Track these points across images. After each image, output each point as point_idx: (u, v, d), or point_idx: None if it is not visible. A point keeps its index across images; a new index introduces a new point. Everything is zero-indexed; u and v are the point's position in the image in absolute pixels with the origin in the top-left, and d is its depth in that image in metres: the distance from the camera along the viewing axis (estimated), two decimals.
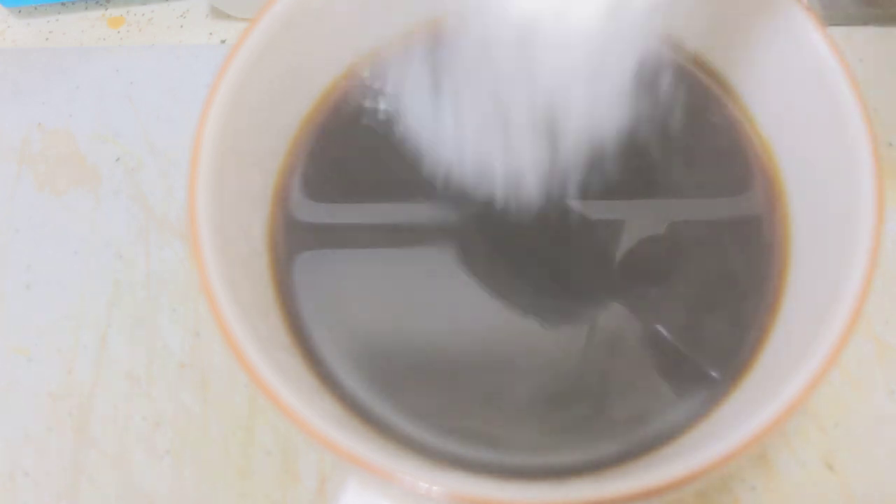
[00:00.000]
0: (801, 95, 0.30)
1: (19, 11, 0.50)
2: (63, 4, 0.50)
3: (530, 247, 0.31)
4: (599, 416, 0.29)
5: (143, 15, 0.49)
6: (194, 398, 0.39)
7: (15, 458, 0.38)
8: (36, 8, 0.50)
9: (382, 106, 0.34)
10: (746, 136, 0.33)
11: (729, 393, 0.29)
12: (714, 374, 0.29)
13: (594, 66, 0.30)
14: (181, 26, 0.49)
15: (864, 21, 0.46)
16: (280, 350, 0.29)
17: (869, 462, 0.36)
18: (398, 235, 0.32)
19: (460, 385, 0.29)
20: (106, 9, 0.50)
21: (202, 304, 0.38)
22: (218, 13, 0.49)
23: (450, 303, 0.30)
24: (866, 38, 0.46)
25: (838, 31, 0.45)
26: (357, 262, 0.31)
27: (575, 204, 0.32)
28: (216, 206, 0.28)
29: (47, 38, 0.49)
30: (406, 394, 0.29)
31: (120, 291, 0.41)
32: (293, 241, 0.32)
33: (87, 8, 0.50)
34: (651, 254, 0.31)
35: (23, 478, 0.38)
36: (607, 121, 0.33)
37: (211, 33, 0.48)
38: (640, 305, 0.30)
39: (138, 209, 0.43)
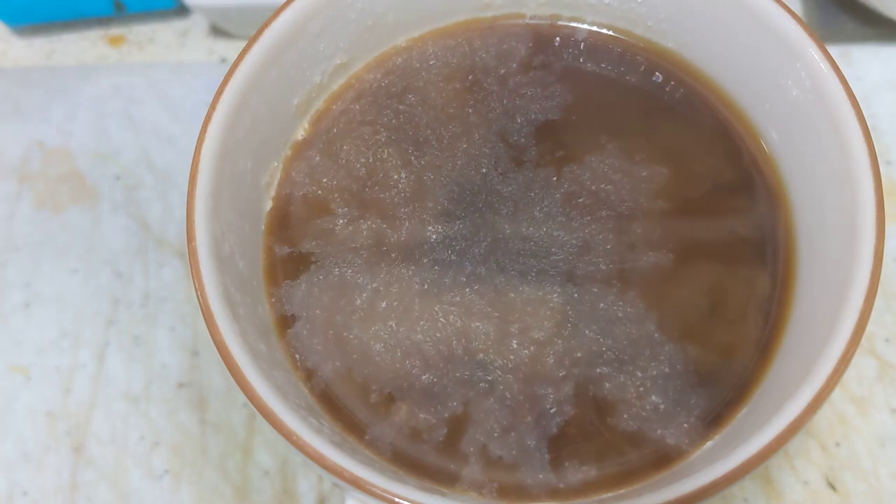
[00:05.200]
0: (802, 114, 0.30)
1: (21, 31, 0.50)
2: (65, 23, 0.50)
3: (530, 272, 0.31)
4: (603, 437, 0.29)
5: (143, 34, 0.50)
6: (192, 418, 0.39)
7: (13, 477, 0.38)
8: (38, 27, 0.50)
9: (375, 124, 0.34)
10: (751, 154, 0.33)
11: (732, 413, 0.29)
12: (717, 394, 0.29)
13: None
14: (182, 45, 0.49)
15: (863, 39, 0.46)
16: (277, 369, 0.29)
17: (871, 481, 0.36)
18: (392, 253, 0.32)
19: (458, 406, 0.29)
20: (107, 28, 0.50)
21: (200, 323, 0.38)
22: (218, 31, 0.49)
23: (447, 321, 0.30)
24: (865, 57, 0.46)
25: (837, 50, 0.45)
26: (353, 279, 0.31)
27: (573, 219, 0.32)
28: (214, 224, 0.28)
29: (49, 57, 0.49)
30: (407, 415, 0.29)
31: (118, 310, 0.41)
32: (290, 259, 0.32)
33: (88, 27, 0.50)
34: (654, 272, 0.31)
35: (21, 497, 0.38)
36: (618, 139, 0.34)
37: (211, 52, 0.49)
38: (644, 323, 0.30)
39: (137, 227, 0.43)
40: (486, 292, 0.31)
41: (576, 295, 0.30)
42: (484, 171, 0.33)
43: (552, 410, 0.29)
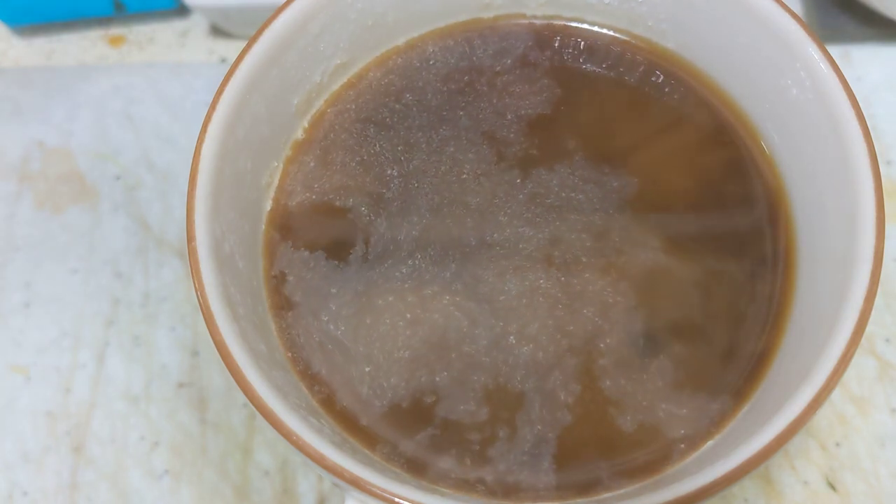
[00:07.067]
0: (802, 114, 0.30)
1: (21, 31, 0.50)
2: (65, 24, 0.50)
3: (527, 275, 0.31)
4: (603, 436, 0.29)
5: (143, 34, 0.50)
6: (192, 418, 0.39)
7: (13, 477, 0.38)
8: (38, 27, 0.50)
9: (374, 125, 0.34)
10: (751, 154, 0.33)
11: (732, 413, 0.29)
12: (717, 394, 0.29)
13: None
14: (182, 45, 0.49)
15: (863, 39, 0.46)
16: (277, 369, 0.29)
17: (871, 481, 0.36)
18: (393, 253, 0.32)
19: (460, 405, 0.29)
20: (107, 28, 0.50)
21: (200, 323, 0.38)
22: (218, 31, 0.49)
23: (450, 322, 0.30)
24: (865, 57, 0.46)
25: (837, 50, 0.45)
26: (354, 280, 0.31)
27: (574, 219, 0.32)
28: (214, 224, 0.28)
29: (49, 58, 0.49)
30: (405, 414, 0.29)
31: (118, 310, 0.41)
32: (290, 258, 0.32)
33: (88, 27, 0.50)
34: (654, 271, 0.31)
35: (21, 497, 0.38)
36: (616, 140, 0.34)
37: (211, 52, 0.49)
38: (644, 324, 0.30)
39: (137, 228, 0.43)
40: (490, 294, 0.31)
41: (576, 288, 0.31)
42: (480, 175, 0.33)
43: (552, 410, 0.29)
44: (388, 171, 0.33)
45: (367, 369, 0.30)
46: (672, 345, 0.30)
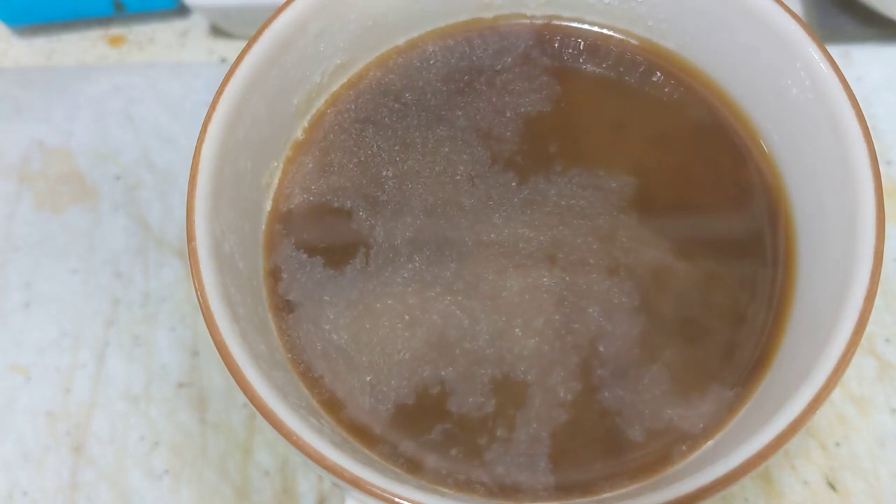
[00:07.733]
0: (802, 114, 0.30)
1: (21, 31, 0.50)
2: (65, 24, 0.50)
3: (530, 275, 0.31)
4: (603, 436, 0.29)
5: (143, 34, 0.50)
6: (192, 418, 0.39)
7: (13, 477, 0.38)
8: (38, 27, 0.50)
9: (374, 126, 0.34)
10: (751, 154, 0.33)
11: (732, 413, 0.29)
12: (717, 394, 0.29)
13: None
14: (182, 45, 0.49)
15: (863, 39, 0.46)
16: (278, 369, 0.29)
17: (871, 481, 0.36)
18: (394, 252, 0.32)
19: (461, 406, 0.29)
20: (107, 28, 0.50)
21: (200, 323, 0.38)
22: (218, 31, 0.49)
23: (448, 322, 0.30)
24: (865, 57, 0.46)
25: (837, 50, 0.45)
26: (354, 279, 0.31)
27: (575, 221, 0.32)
28: (214, 224, 0.28)
29: (49, 58, 0.49)
30: (406, 416, 0.29)
31: (118, 310, 0.41)
32: (290, 258, 0.32)
33: (88, 27, 0.50)
34: (653, 272, 0.31)
35: (21, 497, 0.38)
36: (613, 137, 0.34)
37: (211, 52, 0.49)
38: (644, 324, 0.30)
39: (137, 228, 0.43)
40: (490, 293, 0.31)
41: (578, 287, 0.31)
42: (477, 176, 0.33)
43: (553, 409, 0.29)
44: (384, 173, 0.33)
45: (368, 376, 0.30)
46: (672, 345, 0.30)
